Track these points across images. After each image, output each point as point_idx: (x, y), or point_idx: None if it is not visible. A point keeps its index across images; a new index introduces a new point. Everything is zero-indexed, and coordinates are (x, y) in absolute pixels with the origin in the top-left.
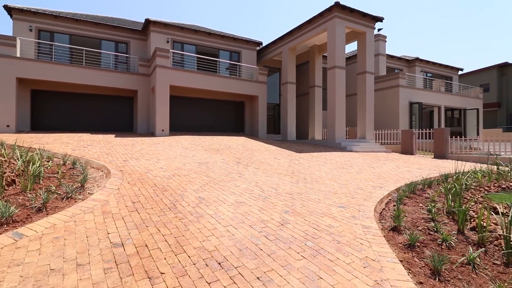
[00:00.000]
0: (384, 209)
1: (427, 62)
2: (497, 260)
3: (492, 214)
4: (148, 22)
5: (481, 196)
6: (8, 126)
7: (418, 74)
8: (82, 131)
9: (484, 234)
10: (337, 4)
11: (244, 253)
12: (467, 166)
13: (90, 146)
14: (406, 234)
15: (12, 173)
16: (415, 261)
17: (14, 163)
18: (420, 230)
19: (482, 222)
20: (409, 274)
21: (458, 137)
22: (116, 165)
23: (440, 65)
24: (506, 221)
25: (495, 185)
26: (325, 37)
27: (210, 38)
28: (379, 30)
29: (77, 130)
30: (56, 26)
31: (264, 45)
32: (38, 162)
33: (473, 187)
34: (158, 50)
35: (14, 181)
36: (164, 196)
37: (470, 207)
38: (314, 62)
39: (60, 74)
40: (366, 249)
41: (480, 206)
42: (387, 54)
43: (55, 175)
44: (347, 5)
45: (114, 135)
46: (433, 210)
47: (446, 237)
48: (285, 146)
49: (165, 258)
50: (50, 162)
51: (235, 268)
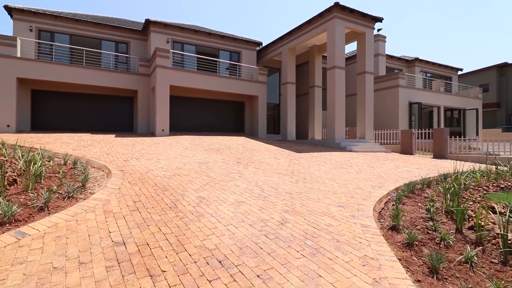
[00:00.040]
0: (383, 208)
1: (427, 62)
2: (494, 258)
3: (490, 213)
4: (148, 22)
5: (479, 195)
6: (8, 126)
7: (417, 74)
8: (82, 131)
9: (482, 233)
10: (336, 4)
11: (244, 251)
12: (466, 166)
13: (91, 146)
14: (404, 233)
15: (13, 172)
16: (414, 259)
17: (15, 163)
18: (418, 229)
19: (480, 221)
20: (407, 272)
21: (458, 137)
22: (116, 165)
23: (439, 65)
24: (504, 220)
25: (494, 184)
26: (325, 37)
27: (210, 38)
28: (379, 30)
29: (77, 130)
30: (56, 26)
31: (264, 45)
32: (39, 162)
33: (471, 187)
34: (158, 50)
35: (15, 180)
36: (164, 195)
37: (469, 207)
38: (314, 62)
39: (60, 74)
40: (365, 247)
41: (478, 205)
42: (387, 54)
43: (56, 175)
44: (347, 5)
45: (114, 135)
46: (431, 209)
47: (444, 236)
48: (285, 146)
49: (166, 257)
50: (51, 162)
51: (236, 266)
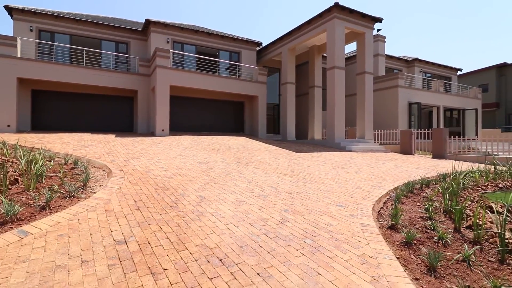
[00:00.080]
0: (382, 208)
1: (426, 62)
2: (492, 257)
3: (488, 213)
4: (148, 22)
5: (477, 195)
6: (9, 126)
7: (417, 75)
8: (82, 131)
9: (479, 231)
10: (336, 4)
11: (244, 250)
12: (465, 166)
13: (91, 146)
14: (403, 232)
15: (15, 172)
16: (412, 258)
17: (17, 163)
18: (417, 228)
19: (478, 221)
20: (405, 271)
21: (457, 137)
22: (117, 164)
23: (439, 65)
24: (501, 219)
25: (492, 184)
26: (324, 37)
27: (210, 39)
28: (378, 30)
29: (77, 130)
30: (56, 26)
31: (264, 45)
32: (40, 161)
33: (470, 187)
34: (158, 50)
35: (17, 180)
36: (165, 195)
37: (467, 206)
38: (314, 62)
39: (60, 74)
40: (364, 246)
41: (476, 205)
42: (386, 55)
43: (57, 175)
44: (347, 5)
45: (114, 135)
46: (430, 209)
47: (442, 235)
48: (284, 146)
49: (167, 255)
50: (52, 161)
51: (236, 264)
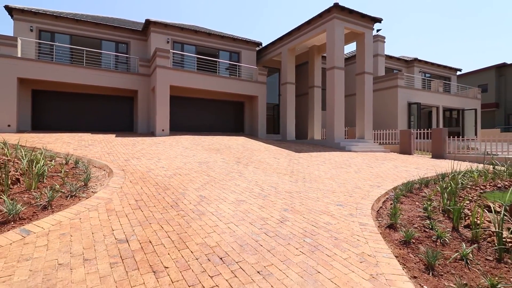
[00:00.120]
0: (381, 207)
1: (426, 62)
2: (489, 256)
3: (485, 212)
4: (148, 22)
5: (476, 194)
6: (9, 126)
7: (416, 75)
8: (82, 131)
9: (477, 230)
10: (336, 5)
11: (244, 248)
12: (464, 166)
13: (92, 146)
14: (402, 231)
15: (16, 172)
16: (410, 256)
17: (18, 162)
18: (415, 228)
19: (476, 220)
20: (403, 269)
21: (456, 137)
22: (118, 164)
23: (438, 65)
24: (499, 218)
25: (491, 184)
26: (324, 37)
27: (210, 39)
28: (378, 30)
29: (77, 130)
30: (56, 26)
31: (263, 45)
32: (42, 161)
33: (469, 186)
34: (159, 50)
35: (18, 180)
36: (166, 194)
37: (465, 206)
38: (314, 62)
39: (60, 74)
40: (363, 245)
41: (474, 204)
42: (386, 55)
43: (59, 174)
44: (346, 6)
45: (114, 135)
46: (429, 208)
47: (440, 234)
48: (284, 146)
49: (168, 254)
50: (53, 161)
51: (236, 262)
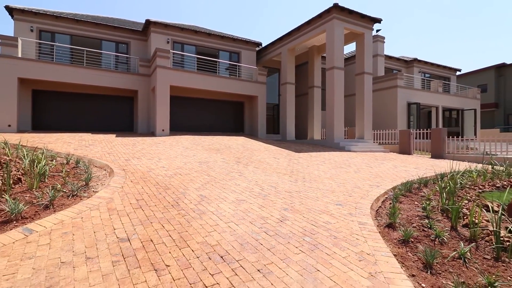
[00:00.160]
0: (380, 207)
1: (425, 62)
2: (487, 254)
3: (484, 212)
4: (148, 22)
5: (474, 194)
6: (9, 126)
7: (416, 75)
8: (82, 131)
9: (475, 229)
10: (335, 5)
11: (245, 247)
12: (463, 166)
13: (92, 146)
14: (400, 230)
15: (18, 172)
16: (409, 255)
17: (19, 162)
18: (414, 227)
19: (474, 219)
20: (402, 267)
21: (455, 137)
22: (118, 164)
23: (438, 65)
24: (496, 217)
25: (490, 184)
26: (324, 38)
27: (210, 39)
28: (378, 31)
29: (77, 130)
30: (57, 26)
31: (263, 45)
32: (43, 161)
33: (467, 186)
34: (159, 50)
35: (20, 179)
36: (166, 194)
37: (464, 205)
38: (313, 62)
39: (61, 74)
40: (362, 244)
41: (473, 204)
42: (386, 55)
43: (60, 174)
44: (346, 6)
45: (115, 135)
46: (427, 207)
47: (439, 233)
48: (284, 146)
49: (169, 252)
50: (54, 161)
51: (237, 261)
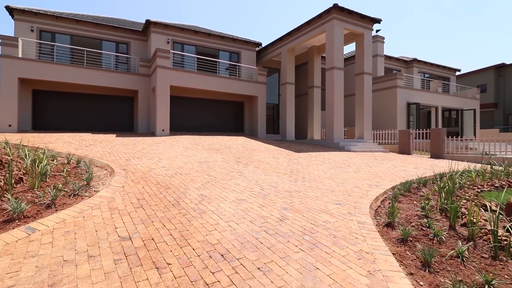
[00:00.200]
0: (379, 206)
1: (425, 63)
2: (485, 253)
3: (482, 211)
4: (148, 23)
5: (473, 194)
6: (10, 125)
7: (416, 75)
8: (83, 131)
9: (473, 227)
10: (335, 6)
11: (245, 246)
12: (462, 166)
13: (92, 146)
14: (399, 229)
15: (19, 171)
16: (407, 254)
17: (20, 162)
18: (413, 226)
19: (472, 218)
20: (400, 266)
21: (455, 137)
22: (119, 164)
23: (437, 66)
24: (494, 217)
25: (489, 184)
26: (323, 38)
27: (210, 39)
28: (377, 31)
29: (78, 129)
30: (57, 26)
31: (263, 45)
32: (45, 160)
33: (466, 186)
34: (159, 50)
35: (21, 179)
36: (167, 193)
37: (462, 205)
38: (313, 63)
39: (61, 74)
40: (361, 243)
41: (471, 203)
42: (385, 55)
43: (61, 174)
44: (346, 6)
45: (115, 135)
46: (426, 207)
47: (437, 232)
48: (284, 145)
49: (171, 251)
50: (55, 161)
51: (237, 259)
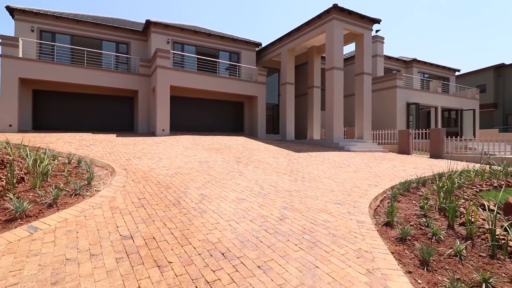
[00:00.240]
0: (378, 205)
1: (424, 63)
2: (483, 252)
3: (480, 210)
4: (148, 23)
5: (471, 193)
6: (10, 125)
7: (415, 75)
8: (83, 131)
9: (471, 226)
10: (335, 6)
11: (245, 245)
12: (462, 166)
13: (93, 146)
14: (398, 228)
15: (21, 171)
16: (406, 253)
17: (22, 162)
18: (412, 225)
19: (470, 218)
20: (399, 264)
21: (454, 137)
22: (120, 163)
23: (437, 66)
24: (492, 216)
25: (487, 183)
26: (323, 38)
27: (210, 39)
28: (377, 31)
29: (78, 129)
30: (57, 26)
31: (263, 46)
32: (46, 160)
33: (465, 186)
34: (159, 51)
35: (23, 178)
36: (168, 193)
37: (461, 204)
38: (313, 63)
39: (61, 74)
40: (360, 241)
41: (469, 203)
42: (385, 55)
43: (62, 173)
44: (345, 7)
45: (115, 135)
46: (425, 206)
47: (436, 231)
48: (284, 145)
49: (172, 249)
50: (56, 160)
51: (238, 258)
